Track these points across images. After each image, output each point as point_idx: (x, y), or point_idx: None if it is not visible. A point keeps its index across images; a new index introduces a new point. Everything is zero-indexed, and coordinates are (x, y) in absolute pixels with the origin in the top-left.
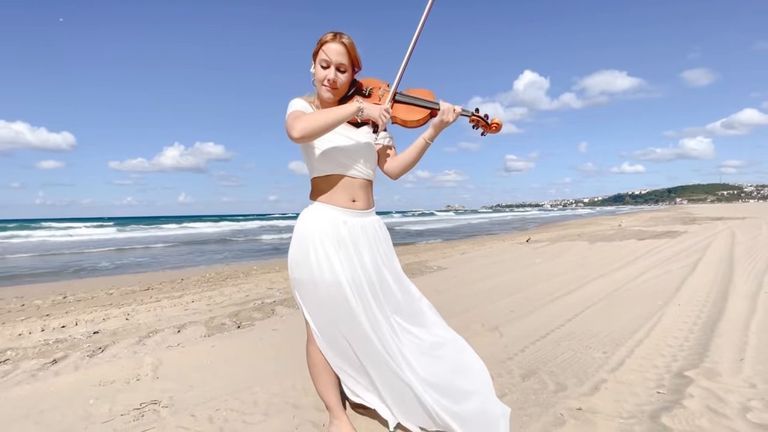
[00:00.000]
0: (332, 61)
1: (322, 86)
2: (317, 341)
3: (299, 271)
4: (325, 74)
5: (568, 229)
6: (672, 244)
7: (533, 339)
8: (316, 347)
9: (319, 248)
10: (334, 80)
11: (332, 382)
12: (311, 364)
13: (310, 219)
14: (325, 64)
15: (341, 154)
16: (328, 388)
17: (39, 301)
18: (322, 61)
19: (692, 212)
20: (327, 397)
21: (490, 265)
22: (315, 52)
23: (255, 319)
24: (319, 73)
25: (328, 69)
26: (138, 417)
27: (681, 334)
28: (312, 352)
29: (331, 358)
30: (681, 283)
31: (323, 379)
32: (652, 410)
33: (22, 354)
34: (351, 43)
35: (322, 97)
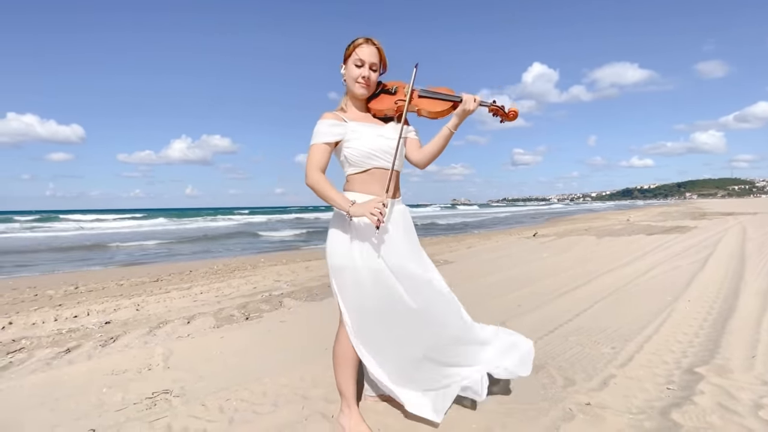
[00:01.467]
0: (366, 60)
1: (356, 83)
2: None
3: (340, 258)
4: (359, 72)
5: (575, 223)
6: (682, 239)
7: (541, 334)
8: (346, 334)
9: (360, 235)
10: (368, 77)
11: (354, 373)
12: (339, 351)
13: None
14: (360, 63)
15: (377, 150)
16: (349, 377)
17: (51, 291)
18: (357, 61)
19: (702, 207)
20: (345, 385)
21: (496, 260)
22: (348, 53)
23: (263, 311)
24: (353, 72)
25: (362, 68)
26: (150, 406)
27: (691, 330)
28: (343, 340)
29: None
30: (691, 278)
31: (347, 368)
32: (662, 406)
33: (37, 343)
34: (381, 47)
35: (356, 93)
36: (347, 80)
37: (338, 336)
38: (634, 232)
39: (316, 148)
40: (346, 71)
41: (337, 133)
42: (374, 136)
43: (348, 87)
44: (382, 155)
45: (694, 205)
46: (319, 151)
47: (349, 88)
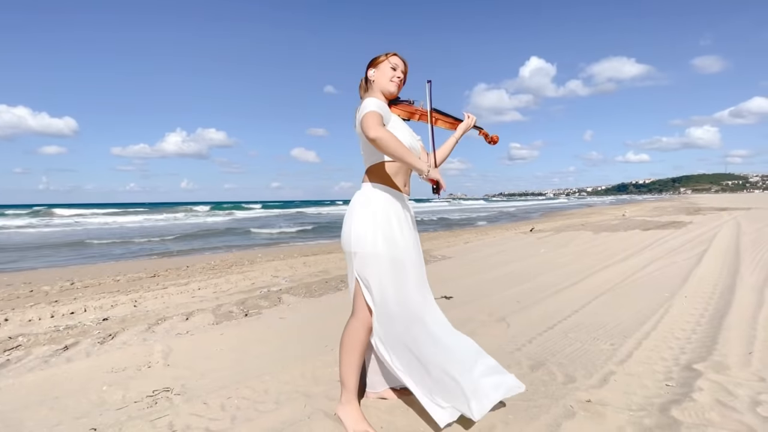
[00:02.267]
0: (399, 66)
1: (390, 81)
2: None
3: (366, 246)
4: (394, 73)
5: (571, 218)
6: (677, 234)
7: (540, 330)
8: (361, 324)
9: (386, 225)
10: (402, 79)
11: (359, 365)
12: (348, 341)
13: (375, 198)
14: (395, 66)
15: (408, 141)
16: (354, 369)
17: (47, 287)
18: (393, 65)
19: (696, 202)
20: (348, 377)
21: (494, 255)
22: (381, 59)
23: (262, 308)
24: (388, 72)
25: (396, 71)
26: (151, 404)
27: (689, 327)
28: (354, 329)
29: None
30: (687, 274)
31: (353, 359)
32: (661, 403)
33: (34, 340)
34: (407, 63)
35: (390, 89)
36: (379, 79)
37: (349, 324)
38: (630, 227)
39: (377, 113)
40: (378, 72)
41: (387, 111)
42: (407, 130)
43: (379, 85)
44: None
45: (689, 200)
46: (378, 114)
47: (381, 86)
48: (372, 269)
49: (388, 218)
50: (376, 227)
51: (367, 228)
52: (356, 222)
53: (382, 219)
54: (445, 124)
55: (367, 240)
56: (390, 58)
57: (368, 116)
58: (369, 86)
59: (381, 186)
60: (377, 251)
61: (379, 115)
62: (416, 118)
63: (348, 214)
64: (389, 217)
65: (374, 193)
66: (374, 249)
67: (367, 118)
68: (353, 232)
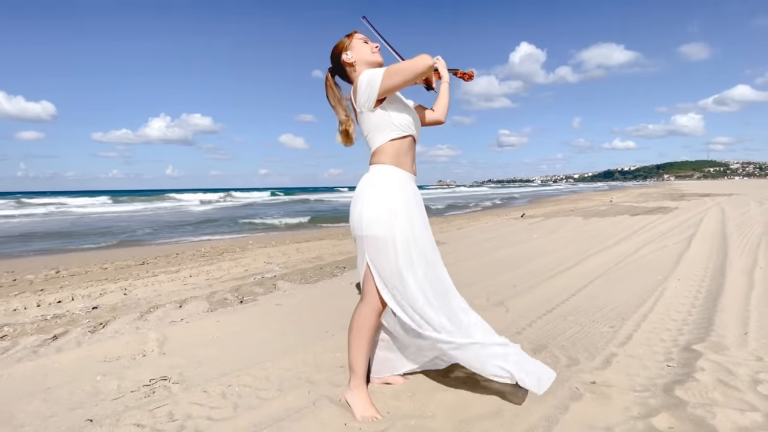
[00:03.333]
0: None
1: (372, 53)
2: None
3: (378, 228)
4: (369, 45)
5: (560, 204)
6: (665, 219)
7: (539, 313)
8: (370, 308)
9: (399, 206)
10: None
11: (368, 350)
12: (359, 326)
13: (387, 178)
14: (365, 39)
15: (411, 116)
16: (363, 354)
17: (31, 275)
18: (361, 40)
19: (680, 188)
20: (357, 362)
21: (488, 240)
22: (347, 42)
23: (257, 294)
24: (365, 46)
25: (368, 43)
26: (149, 393)
27: (684, 309)
28: (363, 313)
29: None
30: (678, 258)
31: (363, 343)
32: (664, 383)
33: (20, 330)
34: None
35: (377, 60)
36: (360, 56)
37: (359, 309)
38: (618, 212)
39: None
40: (355, 51)
41: None
42: (407, 102)
43: (364, 59)
44: (416, 123)
45: (672, 186)
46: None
47: (367, 60)
48: (384, 253)
49: (399, 199)
50: (389, 209)
51: (379, 210)
52: (367, 204)
53: (394, 200)
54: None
55: (380, 222)
56: (356, 35)
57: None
58: (351, 69)
59: (390, 167)
60: (390, 234)
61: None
62: None
63: (357, 196)
64: (401, 198)
65: (384, 174)
66: (387, 232)
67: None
68: (364, 215)
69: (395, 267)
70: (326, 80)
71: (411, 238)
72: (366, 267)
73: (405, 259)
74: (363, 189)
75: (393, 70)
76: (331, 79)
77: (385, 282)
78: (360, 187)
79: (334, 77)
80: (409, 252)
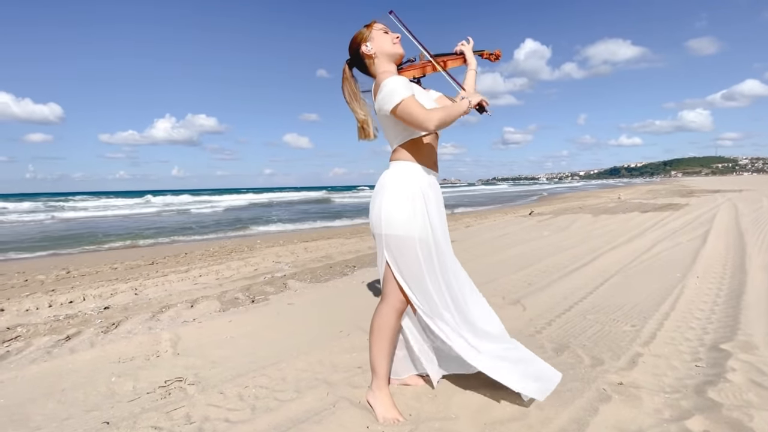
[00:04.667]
0: (385, 27)
1: (393, 44)
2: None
3: (398, 228)
4: (390, 36)
5: (568, 201)
6: (676, 216)
7: (558, 312)
8: (392, 309)
9: (420, 205)
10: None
11: (390, 351)
12: (379, 326)
13: (407, 177)
14: (385, 29)
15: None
16: (385, 355)
17: (42, 276)
18: (382, 30)
19: (688, 185)
20: (379, 363)
21: (498, 238)
22: (367, 33)
23: (268, 294)
24: (385, 37)
25: (389, 33)
26: (165, 395)
27: (706, 307)
28: (385, 314)
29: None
30: (695, 255)
31: (384, 345)
32: (695, 384)
33: (33, 330)
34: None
35: (398, 52)
36: (381, 47)
37: (380, 309)
38: (627, 209)
39: (410, 99)
40: (375, 42)
41: (411, 87)
42: (430, 101)
43: (384, 52)
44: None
45: (680, 183)
46: (414, 99)
47: (387, 51)
48: (405, 252)
49: (421, 198)
50: (410, 208)
51: (400, 209)
52: (387, 202)
53: (416, 199)
54: (454, 63)
55: (400, 221)
56: (375, 26)
57: (407, 108)
58: (371, 62)
59: (410, 163)
60: (410, 233)
61: (413, 99)
62: (429, 71)
63: (377, 193)
64: (423, 196)
65: (406, 172)
66: (407, 231)
67: (409, 110)
68: (383, 214)
69: (416, 267)
70: (343, 73)
71: (431, 239)
72: (386, 266)
73: (426, 260)
74: (383, 186)
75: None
76: (349, 71)
77: (407, 281)
78: (379, 184)
79: (352, 69)
80: (429, 253)
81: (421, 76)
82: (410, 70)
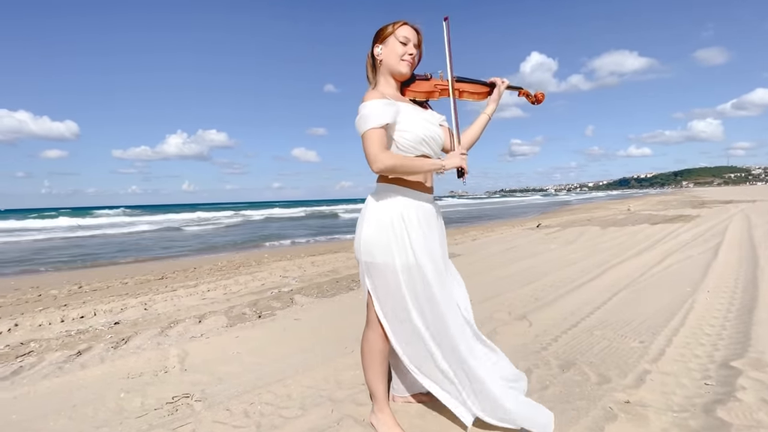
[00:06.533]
0: (411, 39)
1: (401, 61)
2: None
3: (377, 255)
4: (405, 50)
5: (576, 213)
6: (687, 228)
7: (564, 328)
8: (377, 335)
9: (399, 231)
10: (414, 55)
11: (384, 373)
12: (368, 351)
13: (388, 202)
14: (405, 40)
15: (427, 136)
16: (379, 377)
17: (55, 291)
18: (402, 38)
19: (700, 196)
20: (375, 386)
21: (504, 252)
22: (387, 32)
23: (275, 309)
24: (397, 48)
25: (407, 45)
26: (172, 411)
27: (717, 322)
28: (371, 340)
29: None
30: (706, 268)
31: (376, 368)
32: (704, 403)
33: (46, 345)
34: (421, 31)
35: (400, 71)
36: (387, 58)
37: (366, 335)
38: (637, 221)
39: (375, 131)
40: (386, 49)
41: (391, 113)
42: (422, 120)
43: (388, 65)
44: (431, 142)
45: (692, 193)
46: (379, 134)
47: (390, 66)
48: (385, 281)
49: (404, 223)
50: (389, 234)
51: (379, 235)
52: (367, 228)
53: (397, 224)
54: (472, 96)
55: (379, 249)
56: (399, 29)
57: (367, 140)
58: (377, 66)
59: (396, 186)
60: (390, 261)
61: (379, 133)
62: (436, 97)
63: (360, 217)
64: (405, 221)
65: (388, 195)
66: (386, 259)
67: (367, 143)
68: (363, 240)
69: (398, 296)
70: (367, 59)
71: (414, 267)
72: (368, 293)
73: (409, 289)
74: (365, 210)
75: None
76: (371, 62)
77: (384, 313)
78: (363, 208)
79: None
80: (411, 283)
81: (425, 100)
82: (416, 90)
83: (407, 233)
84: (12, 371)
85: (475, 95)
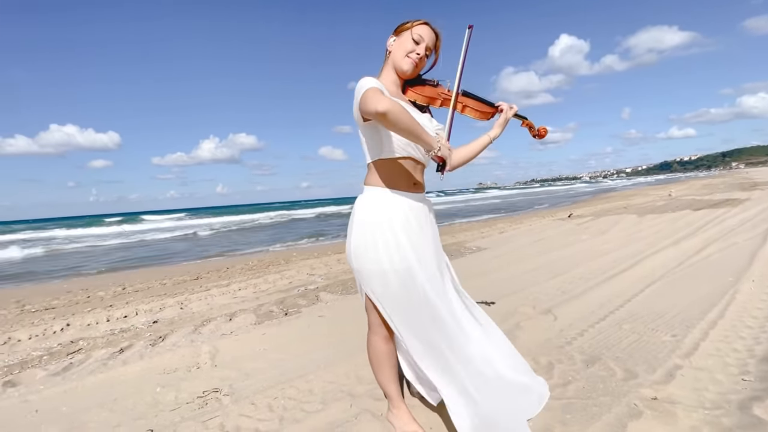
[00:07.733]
0: (425, 39)
1: (406, 57)
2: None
3: (365, 262)
4: (414, 48)
5: (611, 201)
6: (734, 213)
7: (591, 322)
8: (379, 338)
9: (388, 236)
10: (422, 57)
11: (393, 373)
12: (372, 355)
13: (374, 206)
14: (419, 39)
15: None
16: (389, 378)
17: (102, 292)
18: (416, 36)
19: (752, 177)
20: (387, 387)
21: (532, 244)
22: (405, 27)
23: (301, 306)
24: (407, 45)
25: (418, 45)
26: (202, 405)
27: (761, 314)
28: (374, 343)
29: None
30: (751, 256)
31: (384, 370)
32: (740, 400)
33: (93, 344)
34: (440, 35)
35: (402, 67)
36: (395, 52)
37: (369, 339)
38: (678, 207)
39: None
40: (398, 42)
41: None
42: (420, 116)
43: (393, 58)
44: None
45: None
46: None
47: (395, 60)
48: (379, 287)
49: (391, 227)
50: (377, 240)
51: (366, 241)
52: (355, 234)
53: (385, 229)
54: (474, 113)
55: (368, 255)
56: (416, 27)
57: (368, 92)
58: (386, 57)
59: (383, 189)
60: (380, 267)
61: (378, 89)
62: (437, 105)
63: (349, 223)
64: (393, 224)
65: (375, 198)
66: (375, 265)
67: (368, 94)
68: (352, 246)
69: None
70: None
71: (403, 271)
72: (365, 297)
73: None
74: (353, 215)
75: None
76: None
77: (389, 314)
78: (352, 213)
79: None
80: (404, 287)
81: (426, 105)
82: (419, 93)
83: (395, 238)
84: (63, 367)
85: (478, 113)
